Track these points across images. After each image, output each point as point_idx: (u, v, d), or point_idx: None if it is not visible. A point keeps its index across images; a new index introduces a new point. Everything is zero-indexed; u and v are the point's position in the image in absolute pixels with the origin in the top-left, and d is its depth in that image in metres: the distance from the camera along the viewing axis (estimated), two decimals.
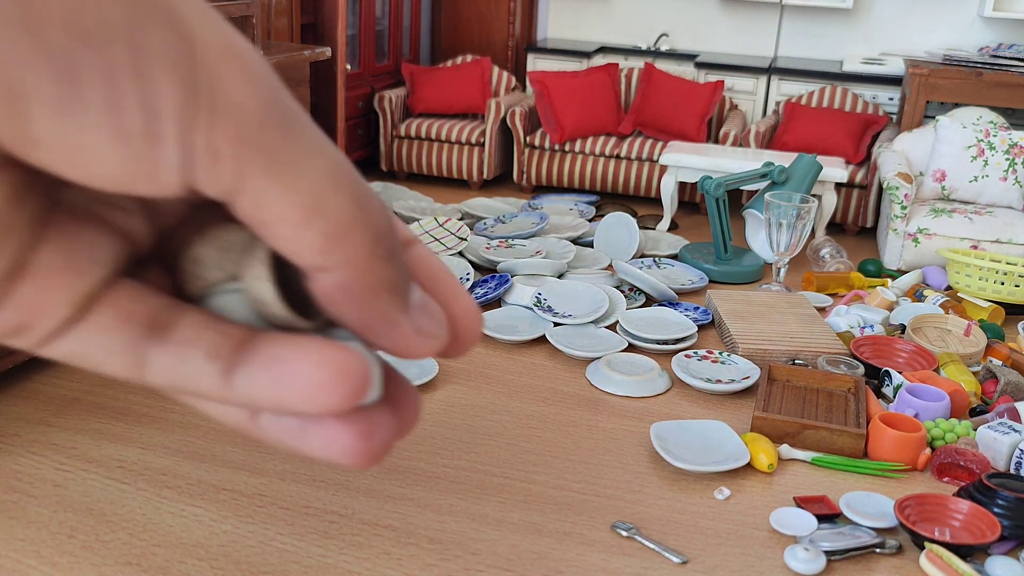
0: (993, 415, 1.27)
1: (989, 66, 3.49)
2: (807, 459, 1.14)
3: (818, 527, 1.03)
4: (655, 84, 3.92)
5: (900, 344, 1.48)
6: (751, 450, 1.12)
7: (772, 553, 0.99)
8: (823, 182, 3.09)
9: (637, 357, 1.39)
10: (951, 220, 2.94)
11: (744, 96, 4.11)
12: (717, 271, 1.84)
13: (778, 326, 1.49)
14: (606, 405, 1.29)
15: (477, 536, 0.96)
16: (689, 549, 0.97)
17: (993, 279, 1.78)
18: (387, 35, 4.16)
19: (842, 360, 1.39)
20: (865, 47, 4.18)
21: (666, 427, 1.16)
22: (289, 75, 2.72)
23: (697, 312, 1.58)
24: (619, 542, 0.98)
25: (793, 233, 1.69)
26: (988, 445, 1.20)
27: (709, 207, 1.95)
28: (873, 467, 1.14)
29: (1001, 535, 1.02)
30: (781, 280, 1.74)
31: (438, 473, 1.03)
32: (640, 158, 3.73)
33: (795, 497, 1.07)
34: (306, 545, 0.93)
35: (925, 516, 1.05)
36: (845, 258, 2.06)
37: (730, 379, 1.32)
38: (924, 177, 3.19)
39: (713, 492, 1.06)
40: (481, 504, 1.00)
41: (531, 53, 4.34)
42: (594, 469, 1.10)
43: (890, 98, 3.94)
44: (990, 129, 3.12)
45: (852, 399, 1.30)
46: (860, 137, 3.66)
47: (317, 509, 0.96)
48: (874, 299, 1.68)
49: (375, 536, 0.96)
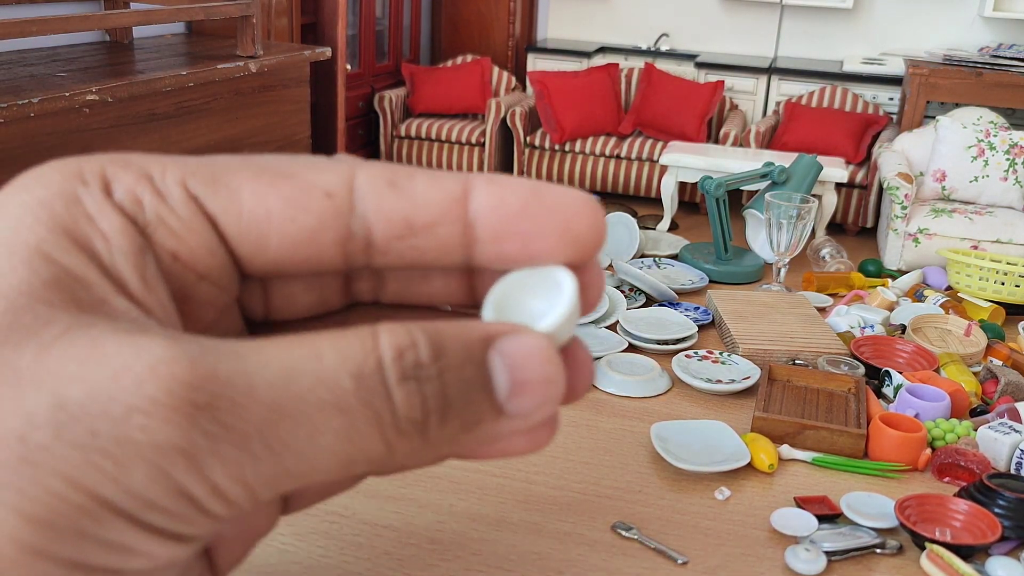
0: (994, 415, 1.27)
1: (989, 66, 3.49)
2: (808, 459, 1.14)
3: (818, 527, 1.02)
4: (655, 84, 3.92)
5: (900, 344, 1.47)
6: (751, 450, 1.12)
7: (773, 553, 0.98)
8: (823, 182, 3.09)
9: (637, 357, 1.39)
10: (951, 220, 2.94)
11: (744, 96, 4.11)
12: (717, 271, 1.84)
13: (778, 326, 1.49)
14: (606, 405, 1.29)
15: (477, 536, 0.96)
16: (690, 549, 0.97)
17: (993, 279, 1.78)
18: (387, 35, 4.16)
19: (842, 360, 1.38)
20: (865, 47, 4.17)
21: (667, 427, 1.16)
22: (289, 75, 2.72)
23: (697, 312, 1.57)
24: (620, 542, 0.98)
25: (793, 233, 1.69)
26: (988, 445, 1.19)
27: (709, 207, 1.95)
28: (873, 467, 1.14)
29: (1002, 535, 1.01)
30: (781, 280, 1.74)
31: (438, 473, 1.03)
32: (640, 158, 3.73)
33: (796, 497, 1.07)
34: (306, 545, 0.93)
35: (926, 516, 1.04)
36: (845, 258, 2.06)
37: (730, 379, 1.32)
38: (924, 177, 3.19)
39: (713, 492, 1.05)
40: (481, 504, 1.00)
41: (531, 53, 4.33)
42: (594, 469, 1.10)
43: (890, 98, 3.94)
44: (990, 129, 3.12)
45: (852, 399, 1.29)
46: (860, 137, 3.65)
47: (317, 509, 0.96)
48: (874, 299, 1.68)
49: (375, 536, 0.95)
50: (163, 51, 2.58)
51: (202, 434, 0.17)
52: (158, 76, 2.15)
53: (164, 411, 0.17)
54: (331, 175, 0.21)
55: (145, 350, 0.17)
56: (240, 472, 0.18)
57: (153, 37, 2.82)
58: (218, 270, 0.21)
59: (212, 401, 0.17)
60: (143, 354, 0.17)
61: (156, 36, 2.84)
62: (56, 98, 1.82)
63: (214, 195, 0.21)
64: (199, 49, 2.66)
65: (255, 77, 2.52)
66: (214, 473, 0.17)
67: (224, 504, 0.18)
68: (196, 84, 2.27)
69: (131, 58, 2.41)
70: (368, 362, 0.19)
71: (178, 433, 0.17)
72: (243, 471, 0.18)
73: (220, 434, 0.17)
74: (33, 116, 1.79)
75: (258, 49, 2.51)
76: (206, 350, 0.18)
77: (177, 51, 2.61)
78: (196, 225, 0.21)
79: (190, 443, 0.17)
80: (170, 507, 0.17)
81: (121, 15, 2.18)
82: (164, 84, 2.16)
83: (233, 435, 0.17)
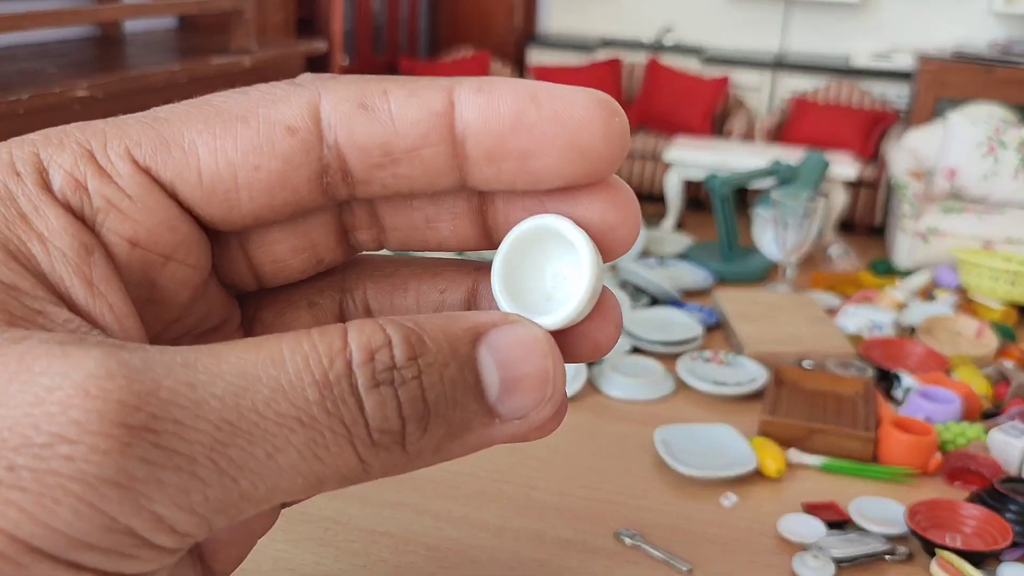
0: (1005, 418, 1.25)
1: (1000, 62, 3.46)
2: (816, 464, 1.12)
3: (827, 533, 1.01)
4: (659, 79, 3.90)
5: (910, 346, 1.45)
6: (759, 455, 1.10)
7: (780, 560, 0.96)
8: (831, 180, 3.06)
9: (641, 359, 1.37)
10: (961, 218, 2.91)
11: (750, 91, 4.08)
12: (723, 271, 1.82)
13: (786, 327, 1.47)
14: (609, 409, 1.27)
15: (477, 544, 0.94)
16: (695, 557, 0.95)
17: (1004, 280, 1.76)
18: (384, 28, 4.14)
19: (851, 362, 1.36)
20: (873, 42, 4.14)
21: (671, 431, 1.14)
22: (283, 70, 2.70)
23: (703, 313, 1.55)
24: (623, 550, 0.96)
25: (801, 232, 1.67)
26: (1000, 449, 1.18)
27: (715, 206, 1.93)
28: (883, 472, 1.12)
29: (1013, 541, 1.00)
30: (789, 280, 1.72)
31: (436, 479, 1.01)
32: (644, 155, 3.70)
33: (804, 503, 1.05)
34: (301, 552, 0.91)
35: (936, 522, 1.02)
36: (853, 257, 2.04)
37: (737, 382, 1.30)
38: (934, 175, 3.16)
39: (719, 498, 1.03)
40: (481, 511, 0.98)
41: (532, 47, 4.30)
42: (597, 474, 1.08)
43: (898, 94, 3.90)
44: (1001, 126, 3.09)
45: (861, 402, 1.28)
46: (869, 134, 3.63)
47: (312, 515, 0.95)
48: (883, 299, 1.66)
49: (372, 543, 0.94)
50: (155, 46, 2.56)
51: (138, 462, 0.15)
52: (150, 71, 2.13)
53: (92, 438, 0.15)
54: (292, 106, 0.19)
55: (77, 367, 0.15)
56: (187, 501, 0.15)
57: (145, 32, 2.80)
58: (184, 246, 0.19)
59: (150, 423, 0.15)
60: (73, 372, 0.15)
61: (148, 31, 2.82)
62: (46, 94, 1.80)
63: (166, 161, 0.18)
64: (192, 44, 2.64)
65: (249, 72, 2.50)
66: (155, 504, 0.15)
67: (173, 536, 0.16)
68: (189, 79, 2.25)
69: (122, 53, 2.39)
70: (335, 366, 0.16)
71: (108, 462, 0.15)
72: (190, 499, 0.15)
73: (161, 460, 0.15)
74: (23, 113, 1.78)
75: (252, 44, 2.49)
76: (149, 363, 0.16)
77: (169, 46, 2.59)
78: (151, 202, 0.18)
79: (123, 473, 0.15)
80: (106, 545, 0.15)
81: (113, 9, 2.17)
82: (156, 79, 2.13)
83: (177, 459, 0.15)
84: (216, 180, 0.18)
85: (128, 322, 0.18)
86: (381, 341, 0.17)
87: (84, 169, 0.18)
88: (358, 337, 0.17)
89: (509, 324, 0.18)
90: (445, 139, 0.18)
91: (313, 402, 0.16)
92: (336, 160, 0.19)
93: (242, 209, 0.19)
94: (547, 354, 0.18)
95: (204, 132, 0.19)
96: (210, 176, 0.18)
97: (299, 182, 0.19)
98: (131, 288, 0.19)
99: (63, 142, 0.18)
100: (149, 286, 0.19)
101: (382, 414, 0.16)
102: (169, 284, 0.19)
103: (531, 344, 0.18)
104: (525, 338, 0.18)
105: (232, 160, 0.18)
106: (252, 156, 0.18)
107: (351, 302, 0.23)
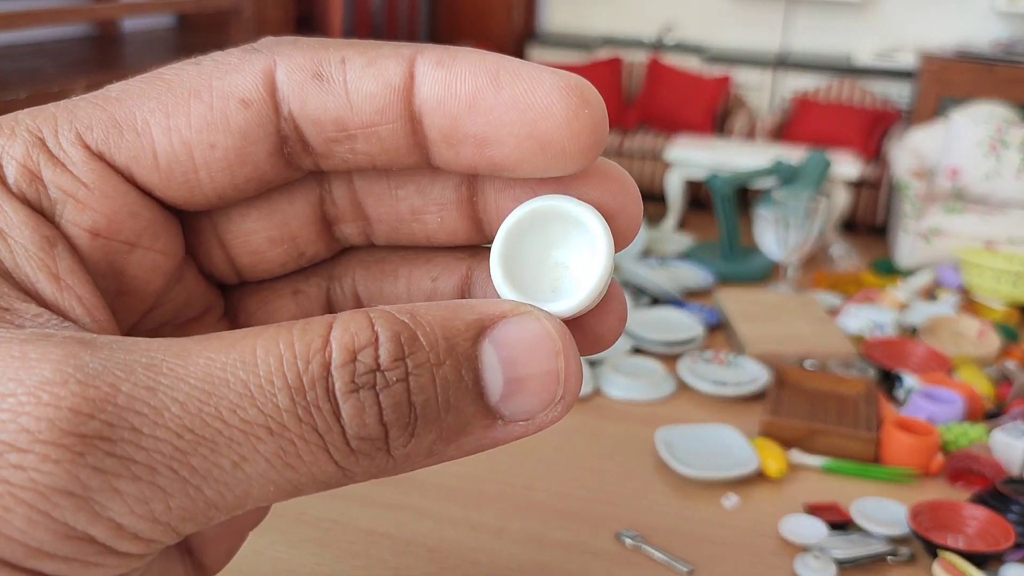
0: (1007, 418, 1.24)
1: (1002, 61, 3.45)
2: (818, 465, 1.12)
3: (829, 534, 1.00)
4: (660, 78, 3.89)
5: (912, 346, 1.45)
6: (760, 456, 1.10)
7: (781, 562, 0.96)
8: (833, 179, 3.06)
9: (642, 359, 1.36)
10: (963, 218, 2.90)
11: (751, 90, 4.08)
12: (725, 271, 1.81)
13: (788, 328, 1.46)
14: (610, 409, 1.27)
15: (477, 546, 0.94)
16: (696, 558, 0.95)
17: (1006, 280, 1.75)
18: (383, 27, 4.14)
19: (853, 363, 1.36)
20: (875, 41, 4.13)
21: (672, 432, 1.14)
22: None
23: (704, 313, 1.55)
24: (624, 551, 0.96)
25: (802, 232, 1.66)
26: (1002, 450, 1.17)
27: (716, 205, 1.93)
28: (885, 473, 1.11)
29: (1015, 542, 0.99)
30: (790, 280, 1.71)
31: (436, 480, 1.01)
32: (645, 155, 3.70)
33: (805, 504, 1.04)
34: (300, 554, 0.91)
35: (938, 523, 1.02)
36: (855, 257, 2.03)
37: (738, 382, 1.30)
38: (936, 174, 3.16)
39: (721, 499, 1.03)
40: (481, 513, 0.98)
41: (532, 45, 4.29)
42: (598, 476, 1.07)
43: (901, 94, 3.90)
44: (1003, 126, 3.08)
45: (863, 403, 1.27)
46: (871, 133, 3.62)
47: (312, 517, 0.94)
48: (885, 300, 1.66)
49: (372, 545, 0.94)
50: (153, 44, 2.56)
51: (91, 471, 0.14)
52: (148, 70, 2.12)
53: (42, 447, 0.14)
54: (246, 76, 0.18)
55: (31, 371, 0.14)
56: (147, 510, 0.15)
57: (143, 30, 2.79)
58: (149, 232, 0.18)
59: (104, 431, 0.14)
60: (27, 376, 0.14)
61: (146, 29, 2.81)
62: (44, 93, 1.79)
63: (119, 144, 0.18)
64: (190, 42, 2.64)
65: None
66: (113, 512, 0.15)
67: (137, 543, 0.15)
68: None
69: (120, 51, 2.39)
70: (311, 368, 0.15)
71: (59, 472, 0.14)
72: (151, 508, 0.15)
73: (116, 469, 0.14)
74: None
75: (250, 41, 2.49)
76: (110, 365, 0.15)
77: (167, 44, 2.59)
78: (108, 189, 0.18)
79: (75, 483, 0.14)
80: (65, 553, 0.14)
81: (111, 7, 2.16)
82: None
83: (134, 468, 0.14)
84: (173, 161, 0.18)
85: (99, 314, 0.18)
86: (367, 339, 0.16)
87: (37, 159, 0.17)
88: (341, 335, 0.16)
89: (518, 316, 0.16)
90: (403, 116, 0.17)
91: (284, 409, 0.15)
92: (294, 132, 0.18)
93: (204, 189, 0.18)
94: (558, 351, 0.16)
95: (156, 111, 0.18)
96: (166, 158, 0.18)
97: (259, 157, 0.18)
98: (99, 279, 0.18)
99: (14, 130, 0.18)
100: (117, 275, 0.18)
101: (360, 421, 0.15)
102: (138, 272, 0.19)
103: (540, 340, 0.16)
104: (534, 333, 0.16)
105: (187, 139, 0.18)
106: (207, 134, 0.18)
107: (339, 289, 0.22)
